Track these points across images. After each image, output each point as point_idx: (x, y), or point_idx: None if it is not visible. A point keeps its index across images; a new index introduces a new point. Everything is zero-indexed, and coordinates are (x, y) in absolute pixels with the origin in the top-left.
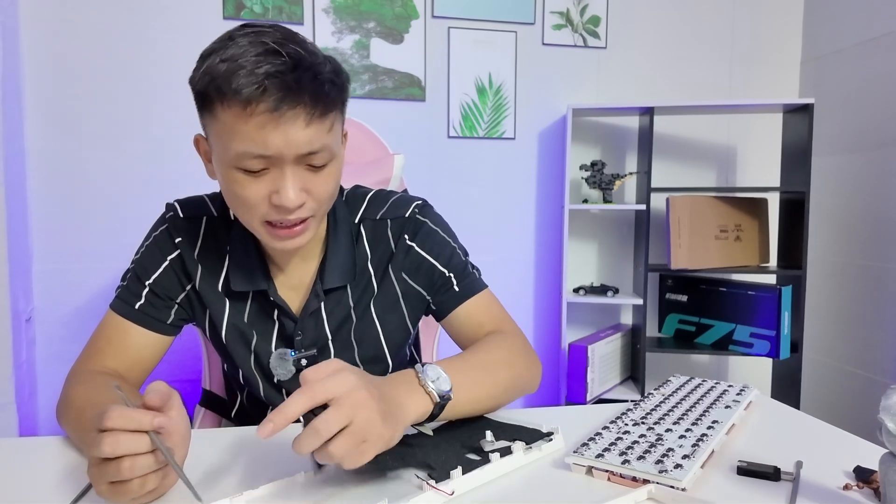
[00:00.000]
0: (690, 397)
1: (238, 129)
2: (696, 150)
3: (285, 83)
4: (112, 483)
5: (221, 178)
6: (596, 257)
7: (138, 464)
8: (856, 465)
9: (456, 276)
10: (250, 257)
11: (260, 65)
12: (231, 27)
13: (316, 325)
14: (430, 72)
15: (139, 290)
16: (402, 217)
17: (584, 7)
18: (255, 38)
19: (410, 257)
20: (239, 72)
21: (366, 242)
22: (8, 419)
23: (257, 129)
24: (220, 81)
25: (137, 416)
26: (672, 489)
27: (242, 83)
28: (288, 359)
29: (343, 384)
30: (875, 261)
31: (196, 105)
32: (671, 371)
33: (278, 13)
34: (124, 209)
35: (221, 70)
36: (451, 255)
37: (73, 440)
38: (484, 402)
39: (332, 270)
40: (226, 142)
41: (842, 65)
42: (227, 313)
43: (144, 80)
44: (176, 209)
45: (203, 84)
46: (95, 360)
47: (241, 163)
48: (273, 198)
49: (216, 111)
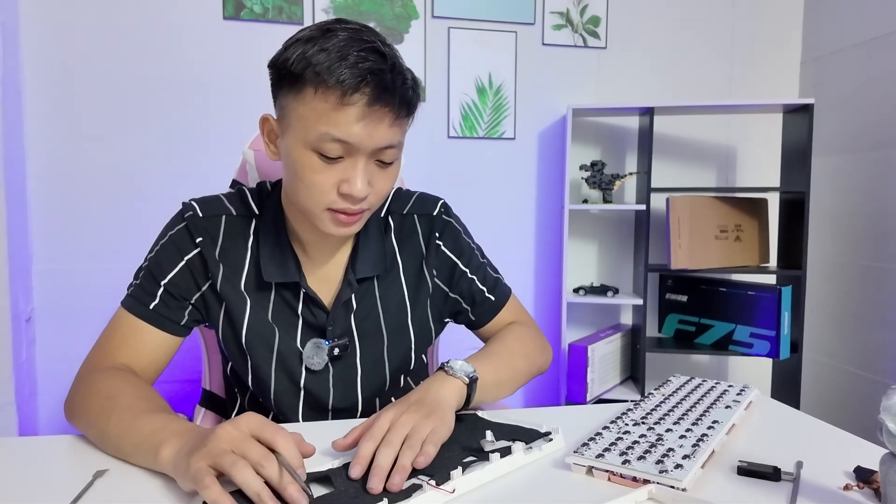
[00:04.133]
0: (690, 397)
1: (329, 116)
2: (696, 150)
3: (384, 82)
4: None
5: (293, 160)
6: (596, 257)
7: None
8: (856, 465)
9: (487, 285)
10: (283, 250)
11: (363, 61)
12: (231, 27)
13: (345, 316)
14: (430, 72)
15: (154, 290)
16: (430, 215)
17: (584, 7)
18: (355, 33)
19: (440, 258)
20: (343, 63)
21: (393, 235)
22: (8, 419)
23: (348, 118)
24: (321, 68)
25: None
26: (672, 489)
27: (346, 74)
28: (323, 347)
29: (387, 418)
30: (875, 261)
31: (278, 85)
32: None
33: (278, 13)
34: (124, 209)
35: (323, 58)
36: (478, 260)
37: (91, 433)
38: (506, 384)
39: (364, 261)
40: (311, 124)
41: (842, 65)
42: (249, 312)
43: (144, 80)
44: (195, 208)
45: (300, 67)
46: (112, 358)
47: (321, 145)
48: (343, 186)
49: (306, 95)
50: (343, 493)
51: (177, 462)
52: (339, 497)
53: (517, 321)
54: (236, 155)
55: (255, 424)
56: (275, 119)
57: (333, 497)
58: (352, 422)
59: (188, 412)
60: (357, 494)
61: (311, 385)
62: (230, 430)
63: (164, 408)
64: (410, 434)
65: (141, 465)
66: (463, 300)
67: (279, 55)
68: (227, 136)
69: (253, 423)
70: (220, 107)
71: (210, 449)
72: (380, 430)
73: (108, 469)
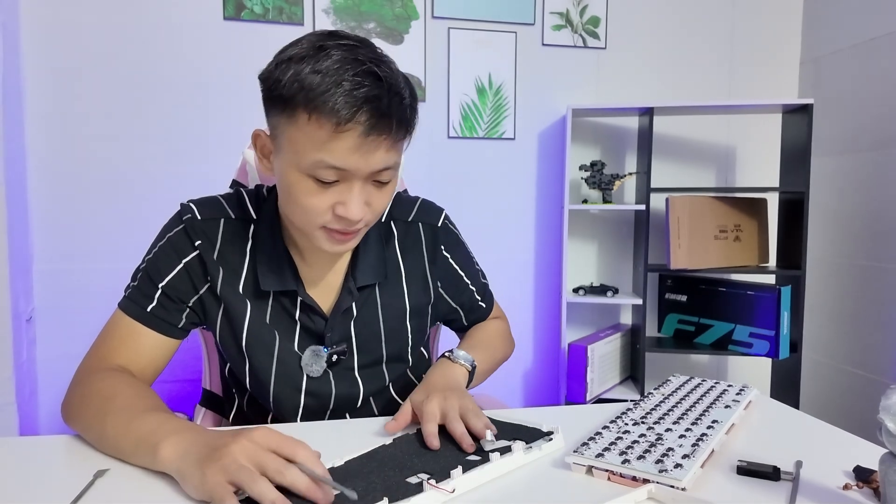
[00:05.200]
0: (690, 397)
1: (322, 143)
2: (696, 151)
3: (380, 109)
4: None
5: (286, 182)
6: (595, 257)
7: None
8: (855, 464)
9: (480, 293)
10: (279, 258)
11: (359, 87)
12: (231, 28)
13: (345, 323)
14: (430, 72)
15: (151, 292)
16: (435, 225)
17: (584, 7)
18: (349, 53)
19: (446, 269)
20: (337, 90)
21: (397, 242)
22: (8, 419)
23: (343, 147)
24: (314, 95)
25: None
26: (672, 489)
27: (340, 103)
28: (322, 355)
29: (435, 403)
30: (874, 261)
31: (270, 103)
32: (671, 371)
33: (278, 13)
34: (125, 209)
35: (316, 82)
36: (475, 269)
37: (90, 434)
38: (488, 373)
39: (364, 269)
40: (304, 150)
41: (841, 65)
42: (249, 315)
43: (145, 81)
44: (193, 210)
45: (292, 91)
46: (109, 360)
47: (315, 172)
48: (338, 209)
49: (299, 120)
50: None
51: (183, 468)
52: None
53: (495, 317)
54: (236, 155)
55: (273, 439)
56: (267, 135)
57: (338, 497)
58: (351, 421)
59: (188, 412)
60: (361, 494)
61: (311, 388)
62: (245, 445)
63: (162, 407)
64: (463, 411)
65: (140, 464)
66: (462, 309)
67: (269, 72)
68: (227, 136)
69: (270, 438)
70: (220, 107)
71: (226, 464)
72: (434, 413)
73: (109, 469)
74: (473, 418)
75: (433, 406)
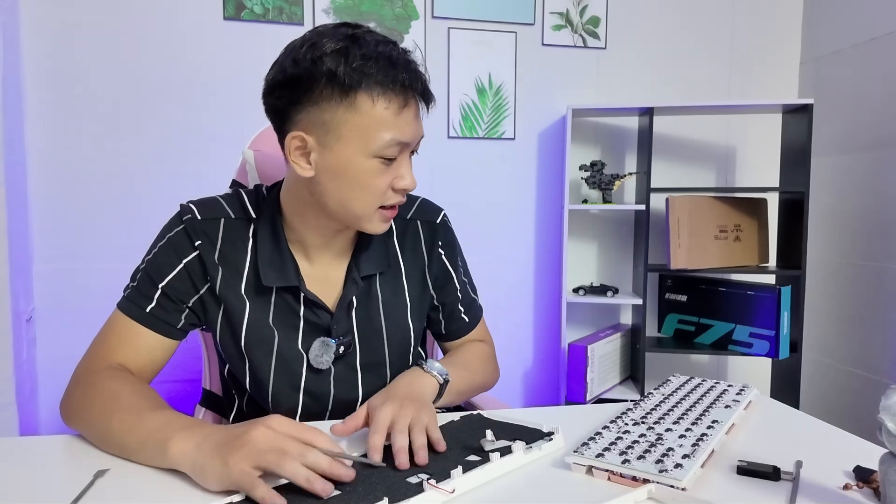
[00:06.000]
0: (690, 397)
1: (391, 121)
2: (696, 151)
3: (424, 80)
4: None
5: (354, 170)
6: (595, 257)
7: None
8: (855, 464)
9: (465, 304)
10: (281, 254)
11: (409, 63)
12: (231, 28)
13: (348, 315)
14: (430, 72)
15: (151, 293)
16: (434, 223)
17: (584, 7)
18: (371, 35)
19: (440, 267)
20: (396, 67)
21: (395, 238)
22: (8, 419)
23: (406, 121)
24: (380, 76)
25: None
26: (672, 489)
27: (404, 78)
28: (331, 345)
29: (388, 412)
30: (874, 261)
31: (312, 100)
32: (671, 371)
33: (279, 13)
34: (125, 209)
35: (374, 67)
36: (467, 277)
37: (92, 433)
38: (463, 395)
39: (367, 258)
40: (373, 133)
41: (841, 65)
42: (248, 315)
43: (144, 80)
44: (193, 211)
45: (353, 79)
46: (108, 359)
47: (386, 151)
48: (397, 182)
49: (362, 105)
50: (349, 492)
51: (200, 460)
52: (344, 497)
53: (481, 340)
54: (236, 155)
55: (289, 425)
56: (307, 135)
57: (339, 497)
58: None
59: (188, 412)
60: (361, 494)
61: (311, 387)
62: (265, 431)
63: (166, 406)
64: (413, 424)
65: (146, 462)
66: (442, 312)
67: (307, 71)
68: (227, 136)
69: (286, 425)
70: (220, 107)
71: (249, 450)
72: (383, 422)
73: (109, 469)
74: (417, 433)
75: (384, 414)
